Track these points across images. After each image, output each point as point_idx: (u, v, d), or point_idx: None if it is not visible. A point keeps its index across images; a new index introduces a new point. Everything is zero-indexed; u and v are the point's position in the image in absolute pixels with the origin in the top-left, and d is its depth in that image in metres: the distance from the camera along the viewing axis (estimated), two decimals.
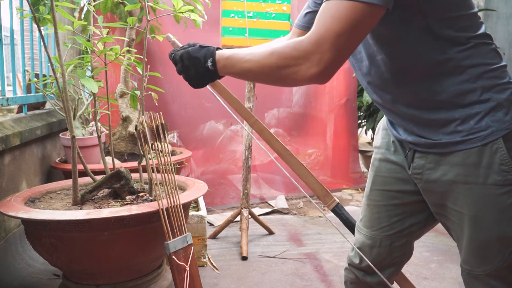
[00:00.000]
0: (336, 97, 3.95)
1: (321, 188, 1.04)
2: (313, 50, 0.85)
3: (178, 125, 3.39)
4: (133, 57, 1.79)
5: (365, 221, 1.19)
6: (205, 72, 1.02)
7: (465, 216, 0.99)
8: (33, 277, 1.98)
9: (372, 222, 1.17)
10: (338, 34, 0.83)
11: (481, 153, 0.94)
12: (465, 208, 0.98)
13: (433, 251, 2.46)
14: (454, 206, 1.00)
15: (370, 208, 1.19)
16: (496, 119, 0.93)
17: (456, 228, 1.03)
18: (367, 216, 1.19)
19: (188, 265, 1.50)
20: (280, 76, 0.91)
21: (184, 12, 1.69)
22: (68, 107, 1.58)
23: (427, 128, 1.00)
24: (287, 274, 2.17)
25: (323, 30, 0.84)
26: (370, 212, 1.18)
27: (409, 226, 1.15)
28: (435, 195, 1.03)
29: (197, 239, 2.16)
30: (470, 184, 0.96)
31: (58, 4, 1.58)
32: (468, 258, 1.02)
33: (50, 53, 2.03)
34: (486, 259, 0.99)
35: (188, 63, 1.03)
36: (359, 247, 1.19)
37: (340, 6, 0.83)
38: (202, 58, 1.01)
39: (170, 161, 1.55)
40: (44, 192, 1.80)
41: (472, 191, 0.96)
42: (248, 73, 0.98)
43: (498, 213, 0.96)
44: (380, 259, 1.16)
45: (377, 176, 1.17)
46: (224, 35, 2.45)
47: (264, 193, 3.53)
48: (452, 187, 0.99)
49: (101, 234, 1.46)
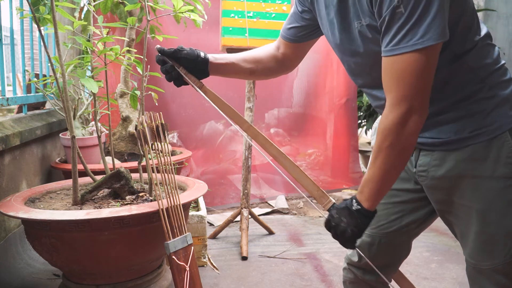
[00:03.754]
0: (336, 97, 3.95)
1: (317, 189, 1.05)
2: (407, 115, 0.88)
3: (178, 125, 3.39)
4: (133, 57, 1.79)
5: None
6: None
7: (472, 210, 1.00)
8: (33, 277, 1.98)
9: None
10: (417, 87, 0.87)
11: (488, 147, 0.97)
12: (473, 201, 0.99)
13: (433, 251, 2.46)
14: (461, 201, 1.01)
15: None
16: (501, 114, 0.97)
17: (462, 223, 1.03)
18: None
19: (188, 265, 1.50)
20: (406, 148, 0.92)
21: (184, 12, 1.69)
22: (68, 107, 1.57)
23: (436, 128, 1.01)
24: (287, 274, 2.17)
25: (403, 92, 0.87)
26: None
27: (407, 224, 1.15)
28: (441, 192, 1.04)
29: (197, 239, 2.16)
30: (478, 178, 0.98)
31: (58, 4, 1.58)
32: (474, 253, 1.02)
33: (50, 53, 2.03)
34: (492, 253, 0.99)
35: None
36: (358, 245, 1.19)
37: (408, 60, 0.85)
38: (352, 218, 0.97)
39: (170, 161, 1.55)
40: (44, 192, 1.80)
41: (480, 184, 0.98)
42: (391, 178, 0.96)
43: (506, 206, 0.97)
44: (379, 257, 1.17)
45: None
46: (224, 35, 2.45)
47: (264, 193, 3.53)
48: (458, 182, 1.00)
49: (101, 234, 1.46)
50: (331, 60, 3.90)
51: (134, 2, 2.13)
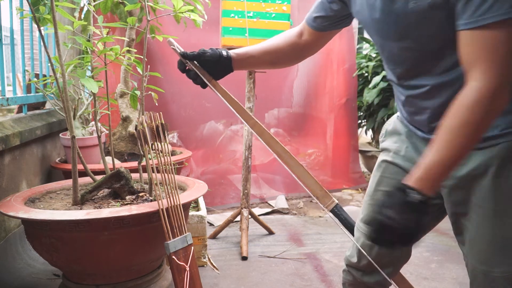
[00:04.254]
0: (336, 97, 3.95)
1: (320, 189, 1.04)
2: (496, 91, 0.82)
3: (178, 125, 3.39)
4: (133, 57, 1.79)
5: (366, 220, 1.19)
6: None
7: (490, 211, 0.97)
8: (33, 277, 1.98)
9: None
10: (508, 60, 0.81)
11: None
12: (492, 202, 0.97)
13: (433, 251, 2.46)
14: (479, 201, 0.98)
15: (372, 207, 1.19)
16: None
17: (475, 226, 1.00)
18: (369, 215, 1.19)
19: (188, 265, 1.50)
20: (487, 126, 0.86)
21: (184, 12, 1.69)
22: (68, 107, 1.57)
23: None
24: (287, 274, 2.17)
25: (493, 65, 0.82)
26: (372, 211, 1.18)
27: None
28: (461, 192, 1.01)
29: (197, 239, 2.16)
30: (501, 177, 0.95)
31: (58, 4, 1.58)
32: (487, 258, 0.99)
33: (50, 53, 2.03)
34: (508, 258, 0.97)
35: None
36: (360, 245, 1.19)
37: (498, 30, 0.80)
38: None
39: (170, 161, 1.55)
40: (44, 192, 1.80)
41: (502, 184, 0.96)
42: (462, 159, 0.89)
43: None
44: (380, 258, 1.16)
45: (383, 177, 1.17)
46: (224, 35, 2.45)
47: (264, 193, 3.53)
48: (480, 181, 0.97)
49: (101, 234, 1.46)
50: (331, 60, 3.90)
51: (134, 2, 2.13)
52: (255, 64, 1.28)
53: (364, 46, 4.86)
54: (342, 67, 3.96)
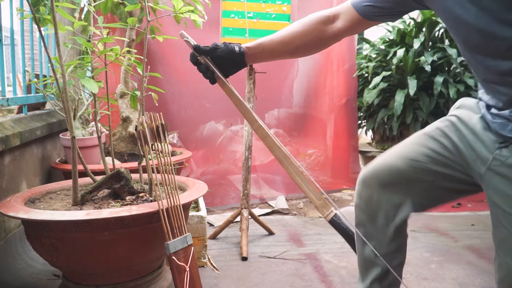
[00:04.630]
0: (336, 98, 3.95)
1: (320, 198, 1.03)
2: None
3: (178, 125, 3.39)
4: (133, 58, 1.79)
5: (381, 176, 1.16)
6: None
7: None
8: (33, 277, 1.98)
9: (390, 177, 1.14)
10: None
11: None
12: None
13: (433, 251, 2.45)
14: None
15: (392, 168, 1.15)
16: None
17: (509, 222, 0.97)
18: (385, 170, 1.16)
19: (188, 266, 1.50)
20: None
21: (184, 13, 1.69)
22: (68, 107, 1.58)
23: None
24: (287, 274, 2.17)
25: None
26: (389, 170, 1.14)
27: (437, 173, 1.10)
28: (506, 181, 0.97)
29: (197, 240, 2.16)
30: None
31: (58, 5, 1.58)
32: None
33: (50, 53, 2.03)
34: None
35: None
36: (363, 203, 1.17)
37: None
38: None
39: (170, 162, 1.55)
40: (44, 192, 1.80)
41: None
42: None
43: None
44: (394, 186, 1.13)
45: (421, 147, 1.12)
46: (224, 35, 2.45)
47: (264, 193, 3.53)
48: None
49: (101, 235, 1.46)
50: (331, 60, 3.90)
51: (135, 2, 2.13)
52: (272, 56, 1.21)
53: (364, 46, 4.86)
54: (342, 67, 3.96)
